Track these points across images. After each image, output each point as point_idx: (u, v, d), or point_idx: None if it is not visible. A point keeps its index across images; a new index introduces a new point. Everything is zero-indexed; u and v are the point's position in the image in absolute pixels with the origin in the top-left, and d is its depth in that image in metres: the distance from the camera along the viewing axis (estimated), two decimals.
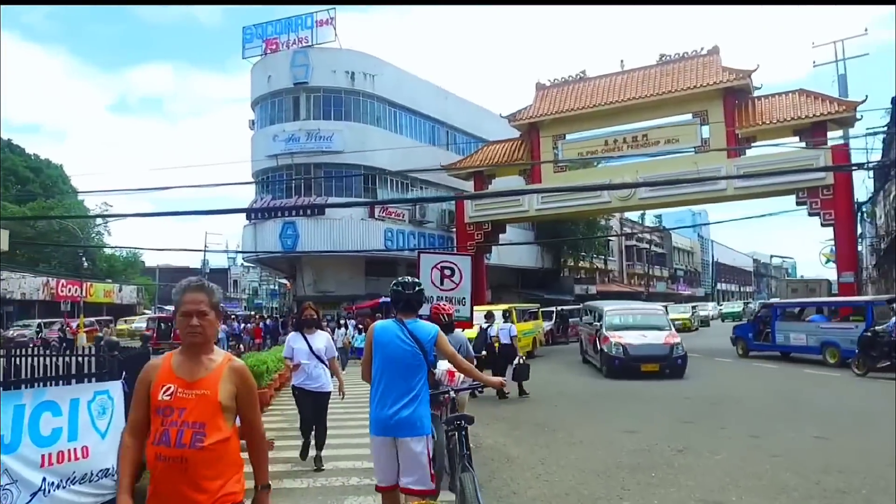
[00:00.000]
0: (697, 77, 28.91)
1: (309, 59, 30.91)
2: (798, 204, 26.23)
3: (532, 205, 31.55)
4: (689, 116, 29.19)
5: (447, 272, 7.71)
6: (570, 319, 32.68)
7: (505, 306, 21.88)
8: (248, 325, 28.98)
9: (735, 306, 59.07)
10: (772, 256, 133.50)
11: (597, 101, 31.06)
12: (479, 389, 7.43)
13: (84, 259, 54.81)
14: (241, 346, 27.86)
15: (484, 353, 13.00)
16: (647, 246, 70.56)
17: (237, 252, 38.59)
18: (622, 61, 33.70)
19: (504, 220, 33.11)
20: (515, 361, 12.83)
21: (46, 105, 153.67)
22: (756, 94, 28.29)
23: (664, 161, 29.45)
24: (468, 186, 34.89)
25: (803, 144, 26.27)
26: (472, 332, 20.70)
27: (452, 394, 5.54)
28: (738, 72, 27.80)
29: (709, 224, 71.55)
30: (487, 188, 33.52)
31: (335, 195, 31.29)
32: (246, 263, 35.38)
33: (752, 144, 27.62)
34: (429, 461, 4.06)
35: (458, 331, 7.74)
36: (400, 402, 4.01)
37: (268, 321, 30.97)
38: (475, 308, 22.23)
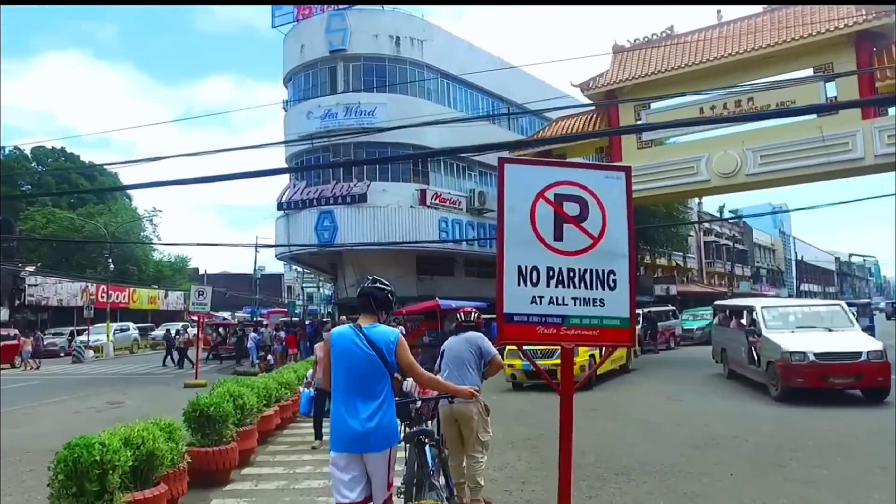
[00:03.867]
0: (819, 21, 23.35)
1: (347, 22, 26.64)
2: None
3: None
4: (809, 72, 23.65)
5: (569, 207, 3.13)
6: (658, 323, 27.42)
7: None
8: (281, 332, 24.77)
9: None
10: (850, 255, 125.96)
11: (688, 61, 25.86)
12: (450, 400, 5.39)
13: (131, 265, 53.66)
14: (271, 357, 23.67)
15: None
16: (729, 242, 63.99)
17: (263, 245, 34.42)
18: (719, 11, 28.20)
19: None
20: None
21: (116, 120, 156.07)
22: None
23: (778, 128, 24.02)
24: None
25: None
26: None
27: (419, 404, 4.95)
28: (876, 9, 22.10)
29: (800, 210, 64.52)
30: None
31: (379, 180, 26.86)
32: (280, 260, 31.05)
33: None
34: (388, 468, 3.75)
35: (470, 332, 6.10)
36: (363, 413, 3.67)
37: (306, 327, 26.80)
38: None
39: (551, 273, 3.35)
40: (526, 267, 3.34)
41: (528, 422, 10.49)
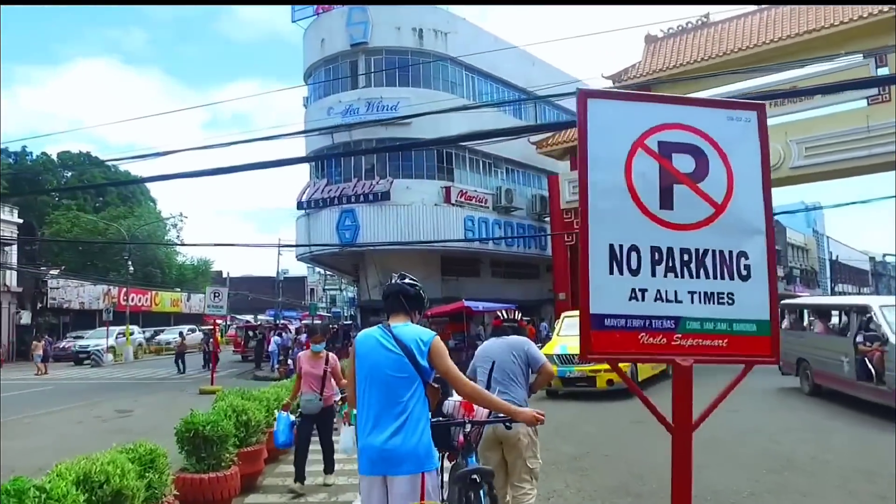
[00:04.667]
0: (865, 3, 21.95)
1: (368, 15, 25.67)
2: None
3: None
4: (858, 58, 22.18)
5: (680, 161, 2.09)
6: None
7: None
8: (301, 336, 23.84)
9: None
10: (884, 255, 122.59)
11: (725, 49, 24.63)
12: (507, 424, 4.11)
13: (153, 268, 53.71)
14: (291, 361, 22.73)
15: None
16: None
17: (282, 245, 33.57)
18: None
19: None
20: None
21: (144, 126, 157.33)
22: None
23: (823, 118, 22.67)
24: (564, 167, 28.86)
25: None
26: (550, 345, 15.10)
27: (468, 428, 3.85)
28: None
29: (833, 207, 62.34)
30: None
31: (402, 177, 25.86)
32: (301, 261, 30.21)
33: None
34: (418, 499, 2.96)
35: (514, 336, 5.08)
36: (388, 427, 3.06)
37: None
38: (565, 315, 16.30)
39: (657, 256, 2.32)
40: (621, 247, 2.33)
41: (570, 437, 9.38)
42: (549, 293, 29.28)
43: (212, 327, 23.26)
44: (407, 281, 3.42)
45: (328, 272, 50.18)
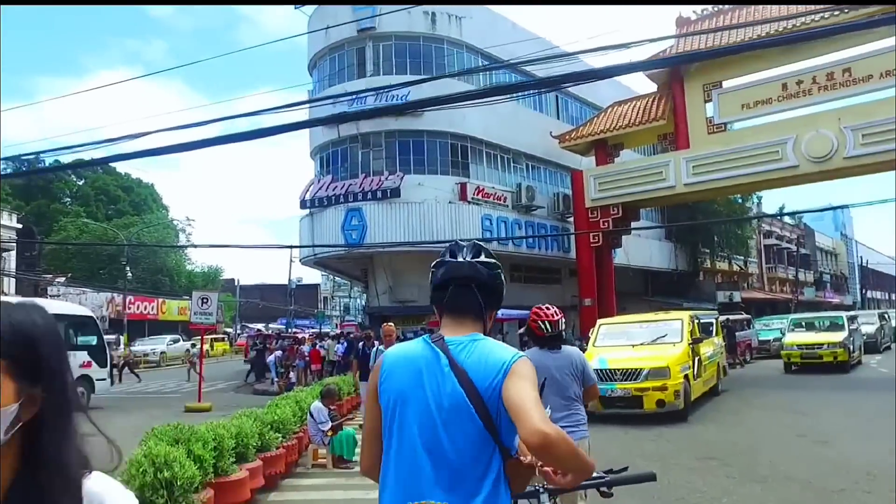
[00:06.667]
0: None
1: None
2: None
3: (679, 177, 23.06)
4: None
5: None
6: (736, 333, 23.73)
7: (682, 314, 13.75)
8: (302, 346, 21.85)
9: None
10: None
11: (767, 29, 22.36)
12: (606, 490, 2.26)
13: (162, 275, 53.02)
14: (293, 373, 20.80)
15: None
16: (791, 246, 59.35)
17: (277, 247, 31.57)
18: None
19: (641, 200, 24.65)
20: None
21: (165, 136, 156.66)
22: None
23: (884, 102, 20.36)
24: (587, 163, 26.72)
25: None
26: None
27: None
28: None
29: (858, 206, 59.60)
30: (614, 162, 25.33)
31: (414, 172, 23.80)
32: (305, 265, 28.22)
33: None
34: None
35: (567, 348, 4.30)
36: None
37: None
38: (602, 323, 14.09)
39: None
40: None
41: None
42: (573, 299, 27.10)
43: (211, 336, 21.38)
44: (482, 258, 1.97)
45: (337, 277, 48.18)
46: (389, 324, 7.06)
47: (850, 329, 20.76)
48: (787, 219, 60.86)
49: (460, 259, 1.95)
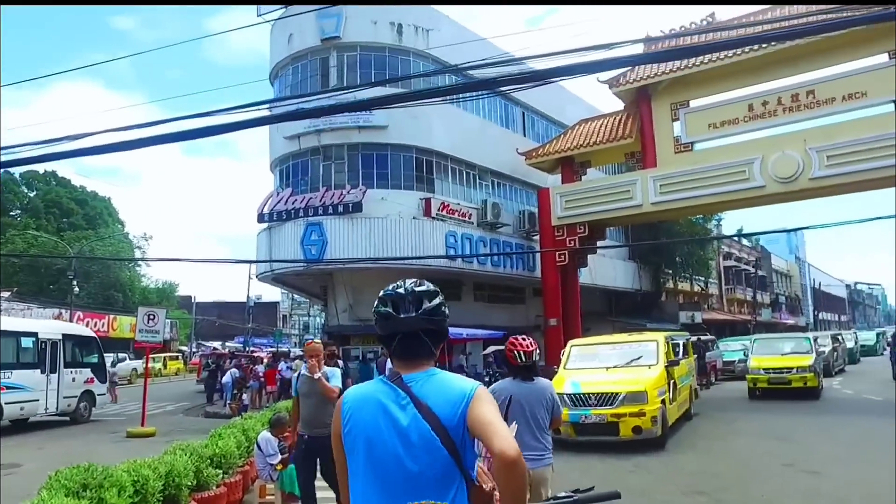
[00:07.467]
0: None
1: (342, 7, 23.02)
2: None
3: (647, 196, 22.82)
4: (883, 58, 20.16)
5: None
6: (706, 354, 23.45)
7: (657, 335, 13.30)
8: (257, 366, 20.79)
9: (868, 336, 47.82)
10: (856, 283, 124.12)
11: (734, 50, 22.40)
12: None
13: (115, 291, 51.52)
14: (246, 395, 19.73)
15: None
16: (749, 267, 60.13)
17: (230, 261, 30.52)
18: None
19: (608, 219, 24.34)
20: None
21: (111, 136, 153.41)
22: None
23: (847, 124, 20.46)
24: (554, 180, 26.34)
25: None
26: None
27: None
28: None
29: (806, 228, 60.84)
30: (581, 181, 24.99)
31: (377, 187, 23.07)
32: (262, 282, 27.10)
33: None
34: None
35: (541, 379, 4.57)
36: None
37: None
38: (574, 344, 13.53)
39: None
40: None
41: None
42: (538, 318, 26.59)
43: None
44: (427, 307, 2.00)
45: (296, 295, 46.94)
46: (315, 340, 6.00)
47: (818, 351, 20.37)
48: (744, 241, 61.81)
49: (403, 316, 1.97)
